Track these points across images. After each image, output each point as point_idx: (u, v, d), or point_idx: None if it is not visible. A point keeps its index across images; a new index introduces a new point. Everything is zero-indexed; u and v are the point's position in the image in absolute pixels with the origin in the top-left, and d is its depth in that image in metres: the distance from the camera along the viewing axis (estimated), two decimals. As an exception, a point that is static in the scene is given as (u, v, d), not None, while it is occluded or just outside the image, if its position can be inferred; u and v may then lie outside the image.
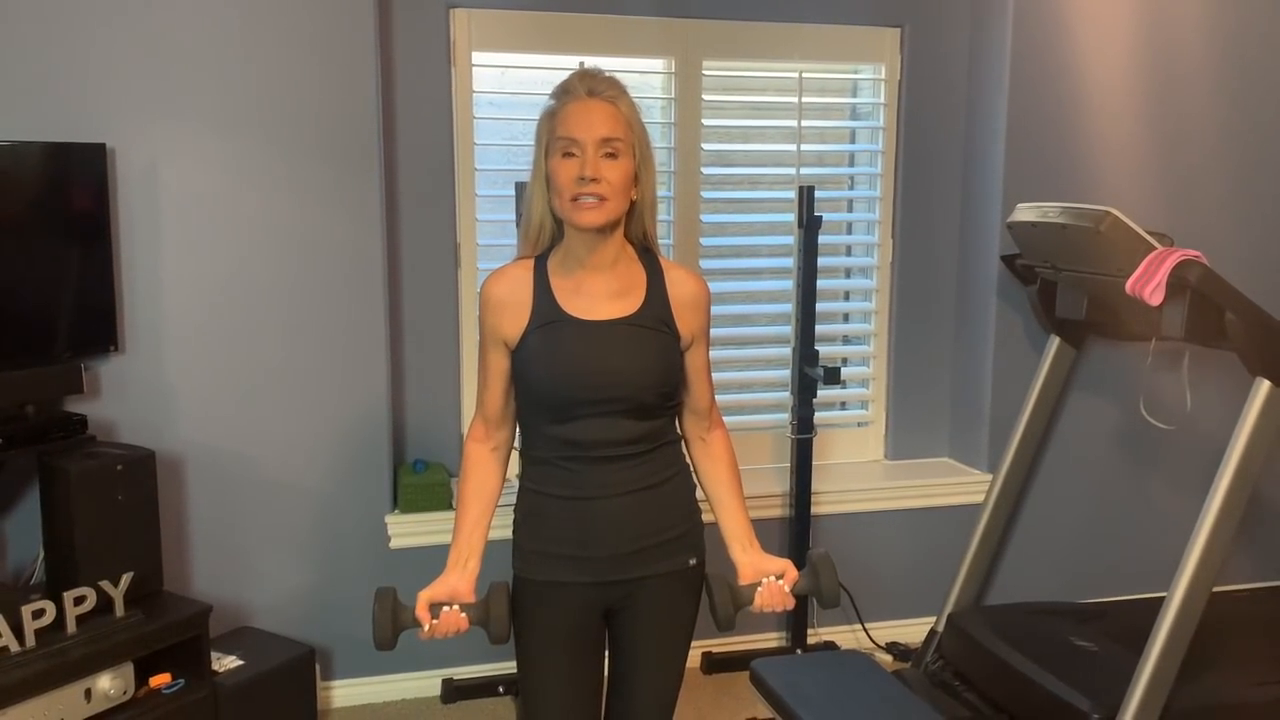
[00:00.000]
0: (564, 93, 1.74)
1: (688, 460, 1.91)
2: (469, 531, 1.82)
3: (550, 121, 1.74)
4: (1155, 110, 3.35)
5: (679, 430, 1.91)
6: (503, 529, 1.88)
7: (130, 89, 2.69)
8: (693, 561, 1.86)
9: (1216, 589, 2.56)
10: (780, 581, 1.82)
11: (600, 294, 1.77)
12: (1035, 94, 3.27)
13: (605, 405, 1.74)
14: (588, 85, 1.72)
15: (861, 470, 3.56)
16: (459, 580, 1.79)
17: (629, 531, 1.79)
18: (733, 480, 1.91)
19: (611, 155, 1.70)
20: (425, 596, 1.76)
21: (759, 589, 1.81)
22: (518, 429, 1.88)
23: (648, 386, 1.76)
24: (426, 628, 1.74)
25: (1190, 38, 3.35)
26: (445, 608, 1.76)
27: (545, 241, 1.80)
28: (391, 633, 1.73)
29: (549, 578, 1.81)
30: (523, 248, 1.82)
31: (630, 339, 1.76)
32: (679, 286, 1.82)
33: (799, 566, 1.86)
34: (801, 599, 1.83)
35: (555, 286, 1.77)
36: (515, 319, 1.77)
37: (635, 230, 1.80)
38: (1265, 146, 3.45)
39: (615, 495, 1.77)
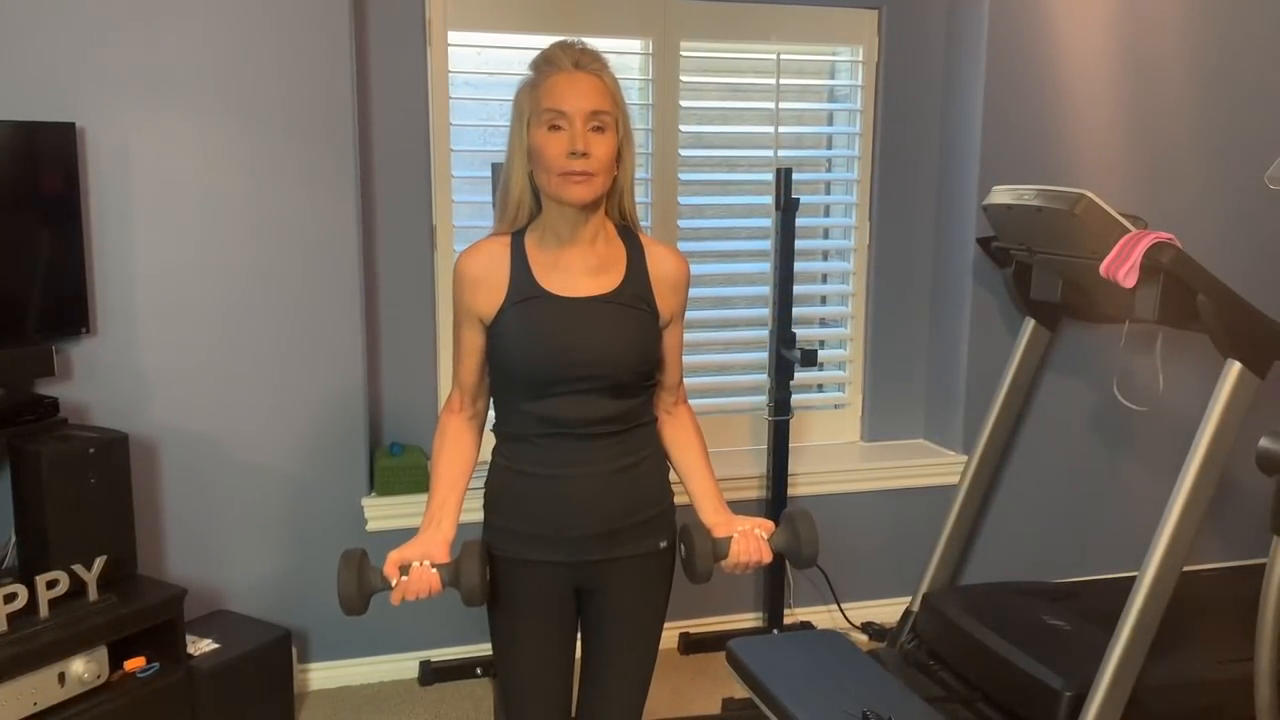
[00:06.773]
0: (547, 63, 1.70)
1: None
2: (443, 495, 1.78)
3: (533, 93, 1.69)
4: (1131, 93, 3.37)
5: (653, 411, 1.90)
6: (473, 512, 1.85)
7: (100, 68, 2.65)
8: (663, 544, 1.84)
9: (1186, 568, 2.59)
10: (757, 531, 1.77)
11: (579, 271, 1.74)
12: (1012, 77, 3.28)
13: (582, 383, 1.72)
14: (573, 57, 1.68)
15: (838, 452, 3.58)
16: (431, 540, 1.72)
17: (602, 512, 1.77)
18: (701, 448, 1.90)
19: (599, 129, 1.67)
20: (395, 556, 1.69)
21: (734, 538, 1.75)
22: (491, 405, 1.86)
23: (626, 365, 1.74)
24: (395, 583, 1.66)
25: (1166, 21, 3.37)
26: (416, 564, 1.67)
27: (524, 218, 1.76)
28: (358, 593, 1.62)
29: (520, 555, 1.79)
30: (500, 224, 1.79)
31: (609, 317, 1.74)
32: (660, 264, 1.80)
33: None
34: (779, 566, 1.78)
35: (533, 262, 1.75)
36: (491, 296, 1.74)
37: (614, 207, 1.78)
38: (1238, 130, 3.48)
39: (590, 474, 1.75)
